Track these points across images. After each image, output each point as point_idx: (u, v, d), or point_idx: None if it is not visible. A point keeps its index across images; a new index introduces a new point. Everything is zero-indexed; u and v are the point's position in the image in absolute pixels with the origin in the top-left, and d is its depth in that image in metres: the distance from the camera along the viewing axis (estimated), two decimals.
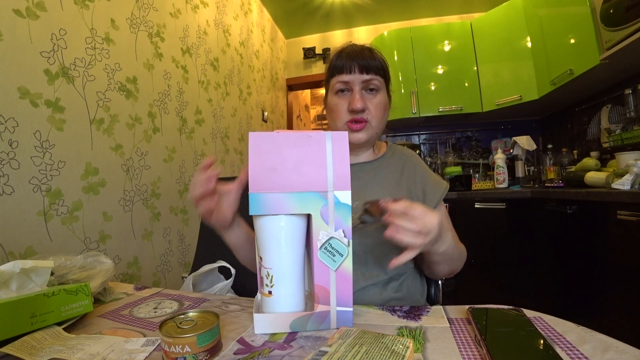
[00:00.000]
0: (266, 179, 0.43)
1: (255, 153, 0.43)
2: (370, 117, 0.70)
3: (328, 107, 0.75)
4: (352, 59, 0.69)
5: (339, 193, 0.43)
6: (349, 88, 0.70)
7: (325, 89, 0.79)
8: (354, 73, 0.69)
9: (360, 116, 0.69)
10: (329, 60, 0.75)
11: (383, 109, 0.72)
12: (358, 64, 0.68)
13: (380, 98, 0.71)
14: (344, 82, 0.70)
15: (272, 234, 0.44)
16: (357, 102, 0.67)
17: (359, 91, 0.69)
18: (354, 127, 0.70)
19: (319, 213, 0.43)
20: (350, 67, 0.69)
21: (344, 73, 0.69)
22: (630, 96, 1.63)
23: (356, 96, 0.68)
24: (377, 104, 0.71)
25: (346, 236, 0.43)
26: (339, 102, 0.71)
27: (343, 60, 0.70)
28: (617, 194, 1.19)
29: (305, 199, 0.43)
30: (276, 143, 0.44)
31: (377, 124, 0.72)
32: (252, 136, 0.44)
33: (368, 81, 0.69)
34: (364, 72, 0.68)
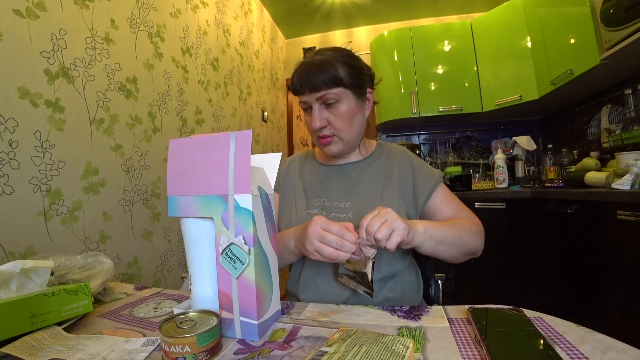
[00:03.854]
0: (179, 182, 0.45)
1: (173, 158, 0.45)
2: (334, 130, 0.71)
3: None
4: (300, 79, 0.69)
5: (240, 197, 0.41)
6: (309, 107, 0.72)
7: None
8: (307, 93, 0.69)
9: (323, 133, 0.71)
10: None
11: (348, 118, 0.71)
12: (306, 84, 0.68)
13: (342, 109, 0.70)
14: (303, 102, 0.71)
15: (187, 235, 0.46)
16: (313, 122, 0.69)
17: (318, 109, 0.70)
18: (322, 142, 0.73)
19: (219, 217, 0.42)
20: (301, 89, 0.70)
21: (300, 94, 0.71)
22: (630, 96, 1.63)
23: (313, 116, 0.70)
24: (339, 116, 0.70)
25: (247, 244, 0.41)
26: (307, 119, 0.74)
27: (295, 80, 0.71)
28: (617, 194, 1.19)
29: (209, 202, 0.43)
30: (189, 148, 0.45)
31: (346, 134, 0.72)
32: (172, 143, 0.46)
33: (322, 97, 0.69)
34: (314, 90, 0.68)
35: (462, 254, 0.67)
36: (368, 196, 0.74)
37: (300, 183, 0.81)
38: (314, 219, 0.55)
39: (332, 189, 0.77)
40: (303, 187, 0.80)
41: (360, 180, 0.77)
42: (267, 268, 0.46)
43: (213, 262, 0.44)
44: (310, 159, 0.87)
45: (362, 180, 0.77)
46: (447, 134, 2.85)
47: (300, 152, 0.91)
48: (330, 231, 0.53)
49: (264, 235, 0.45)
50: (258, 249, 0.43)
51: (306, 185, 0.80)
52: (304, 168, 0.84)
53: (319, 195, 0.77)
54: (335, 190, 0.77)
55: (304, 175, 0.82)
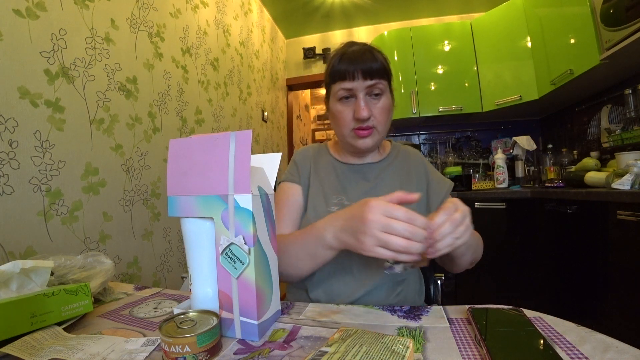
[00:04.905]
0: (179, 182, 0.44)
1: (173, 158, 0.45)
2: (376, 122, 0.68)
3: (332, 113, 0.73)
4: (353, 64, 0.66)
5: (239, 197, 0.41)
6: (352, 95, 0.68)
7: (326, 92, 0.76)
8: (357, 79, 0.66)
9: (367, 124, 0.67)
10: (329, 63, 0.71)
11: (387, 112, 0.70)
12: (361, 69, 0.65)
13: (384, 102, 0.69)
14: (347, 89, 0.67)
15: (187, 235, 0.46)
16: (362, 111, 0.65)
17: (364, 98, 0.67)
18: (360, 134, 0.68)
19: (219, 217, 0.42)
20: (352, 74, 0.66)
21: (347, 80, 0.66)
22: (630, 96, 1.63)
23: (361, 104, 0.66)
24: (382, 109, 0.68)
25: (247, 244, 0.41)
26: (343, 110, 0.69)
27: (344, 65, 0.66)
28: (617, 194, 1.19)
29: (209, 202, 0.43)
30: (189, 148, 0.45)
31: (383, 129, 0.70)
32: (172, 143, 0.46)
33: (372, 86, 0.66)
34: (367, 77, 0.66)
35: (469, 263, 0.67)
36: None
37: (316, 178, 0.77)
38: (370, 203, 0.45)
39: (351, 189, 0.74)
40: (319, 182, 0.76)
41: (379, 181, 0.75)
42: (267, 268, 0.46)
43: (213, 262, 0.44)
44: (325, 153, 0.81)
45: (380, 181, 0.75)
46: (447, 134, 2.85)
47: (311, 146, 0.85)
48: (395, 217, 0.43)
49: (264, 235, 0.45)
50: (258, 249, 0.43)
51: (322, 181, 0.76)
52: (318, 162, 0.80)
53: (337, 193, 0.74)
54: (354, 190, 0.74)
55: (319, 170, 0.78)
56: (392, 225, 0.42)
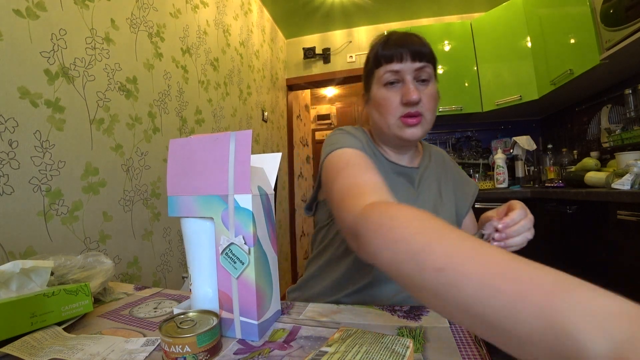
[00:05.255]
0: (179, 182, 0.45)
1: (173, 158, 0.45)
2: (424, 110, 0.63)
3: (375, 101, 0.66)
4: (402, 45, 0.61)
5: (239, 197, 0.41)
6: (399, 79, 0.63)
7: (366, 82, 0.70)
8: (406, 61, 0.61)
9: (416, 109, 0.62)
10: (371, 51, 0.67)
11: (435, 100, 0.65)
12: (409, 50, 0.61)
13: (432, 89, 0.64)
14: (394, 71, 0.62)
15: (187, 235, 0.46)
16: (412, 93, 0.60)
17: (412, 81, 0.62)
18: (409, 122, 0.62)
19: (219, 217, 0.42)
20: (401, 55, 0.61)
21: (394, 61, 0.62)
22: (630, 96, 1.63)
23: (410, 86, 0.60)
24: (430, 96, 0.64)
25: (247, 244, 0.41)
26: (388, 95, 0.63)
27: (391, 48, 0.62)
28: (617, 194, 1.19)
29: (209, 202, 0.43)
30: (189, 148, 0.45)
31: (431, 118, 0.65)
32: (172, 143, 0.46)
33: (420, 69, 0.62)
34: (416, 59, 0.61)
35: None
36: (432, 206, 0.69)
37: None
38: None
39: (400, 195, 0.67)
40: None
41: (422, 189, 0.71)
42: (267, 268, 0.46)
43: (213, 262, 0.44)
44: (371, 146, 0.71)
45: (423, 189, 0.71)
46: (447, 134, 2.85)
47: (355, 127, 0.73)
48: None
49: (264, 235, 0.45)
50: (258, 249, 0.43)
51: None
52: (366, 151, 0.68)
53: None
54: (403, 197, 0.68)
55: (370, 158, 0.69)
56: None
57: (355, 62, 3.14)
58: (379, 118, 0.66)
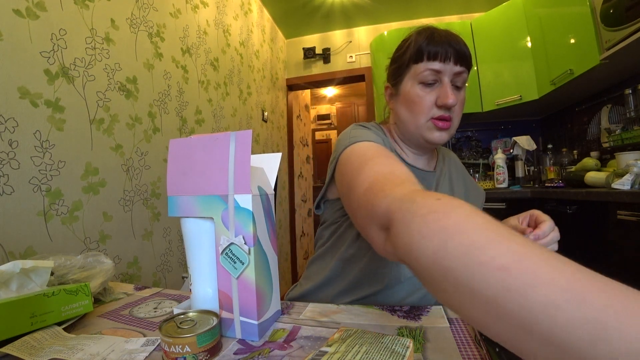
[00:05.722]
0: (179, 182, 0.45)
1: (173, 158, 0.45)
2: (454, 115, 0.62)
3: (406, 97, 0.63)
4: (447, 45, 0.59)
5: (239, 197, 0.41)
6: (437, 79, 0.61)
7: (396, 74, 0.67)
8: (449, 62, 0.59)
9: (449, 114, 0.61)
10: (411, 43, 0.63)
11: (463, 108, 0.65)
12: (456, 51, 0.59)
13: (463, 95, 0.64)
14: (435, 70, 0.60)
15: (187, 235, 0.46)
16: (450, 97, 0.58)
17: (449, 84, 0.60)
18: (440, 125, 0.61)
19: (219, 217, 0.42)
20: (446, 54, 0.59)
21: (438, 60, 0.59)
22: (630, 96, 1.63)
23: (448, 90, 0.59)
24: (462, 102, 0.63)
25: (247, 244, 0.41)
26: (424, 95, 0.61)
27: (437, 45, 0.59)
28: (617, 194, 1.19)
29: (209, 202, 0.43)
30: (189, 148, 0.45)
31: (457, 124, 0.64)
32: (172, 143, 0.46)
33: (459, 74, 0.61)
34: (458, 62, 0.60)
35: None
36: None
37: None
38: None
39: None
40: None
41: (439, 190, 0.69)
42: (267, 268, 0.46)
43: (213, 262, 0.44)
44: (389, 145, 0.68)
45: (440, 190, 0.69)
46: None
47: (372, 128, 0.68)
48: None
49: (264, 235, 0.45)
50: (258, 249, 0.43)
51: None
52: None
53: None
54: None
55: None
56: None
57: (355, 62, 3.14)
58: (408, 116, 0.64)
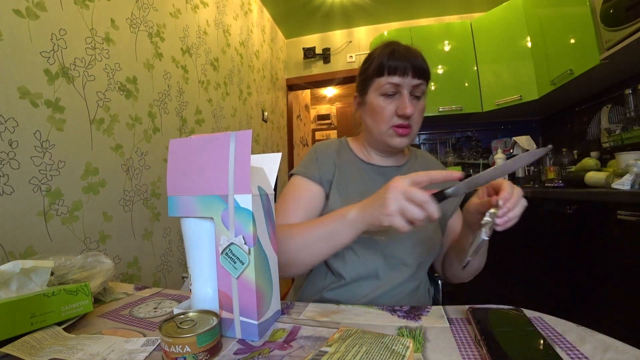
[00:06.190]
0: (179, 182, 0.45)
1: (173, 158, 0.45)
2: (414, 122, 0.69)
3: (370, 107, 0.71)
4: (406, 60, 0.66)
5: (239, 197, 0.41)
6: (397, 91, 0.68)
7: (362, 85, 0.74)
8: (407, 76, 0.66)
9: (407, 122, 0.68)
10: (374, 57, 0.71)
11: (422, 115, 0.72)
12: (413, 66, 0.66)
13: (422, 104, 0.71)
14: (394, 84, 0.67)
15: (187, 235, 0.46)
16: (408, 108, 0.66)
17: (408, 95, 0.67)
18: (400, 132, 0.68)
19: (219, 217, 0.42)
20: (404, 69, 0.66)
21: (397, 74, 0.66)
22: (630, 96, 1.63)
23: (406, 101, 0.66)
24: (420, 110, 0.70)
25: (247, 244, 0.41)
26: (385, 105, 0.69)
27: (397, 60, 0.66)
28: (617, 194, 1.19)
29: (209, 202, 0.43)
30: (189, 148, 0.45)
31: (417, 130, 0.72)
32: (172, 143, 0.46)
33: (417, 86, 0.68)
34: (416, 76, 0.67)
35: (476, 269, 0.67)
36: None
37: (342, 179, 0.74)
38: (395, 177, 0.49)
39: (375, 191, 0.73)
40: (345, 183, 0.73)
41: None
42: (267, 268, 0.46)
43: (213, 262, 0.44)
44: (346, 151, 0.79)
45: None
46: (447, 134, 2.85)
47: (331, 140, 0.82)
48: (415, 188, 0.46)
49: (264, 235, 0.45)
50: (258, 249, 0.43)
51: (348, 182, 0.74)
52: (341, 161, 0.77)
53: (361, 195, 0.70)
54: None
55: (344, 169, 0.75)
56: (413, 194, 0.45)
57: (355, 62, 3.14)
58: (372, 124, 0.72)
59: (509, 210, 0.46)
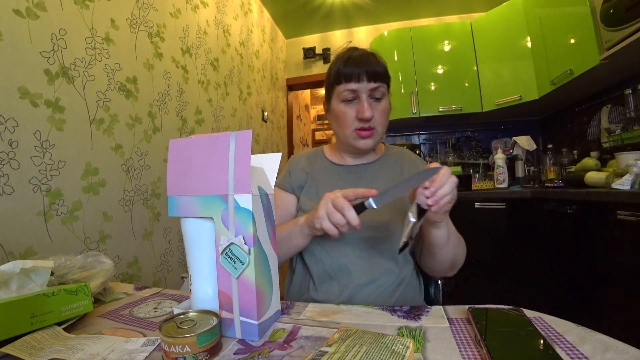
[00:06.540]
0: (179, 182, 0.45)
1: (173, 158, 0.45)
2: (377, 124, 0.72)
3: (334, 114, 0.76)
4: (360, 66, 0.69)
5: (239, 197, 0.41)
6: (355, 97, 0.71)
7: (327, 93, 0.79)
8: (362, 82, 0.69)
9: (369, 124, 0.71)
10: (332, 66, 0.75)
11: (387, 114, 0.74)
12: (366, 71, 0.69)
13: (384, 105, 0.73)
14: (351, 90, 0.70)
15: (187, 235, 0.46)
16: (366, 112, 0.69)
17: (367, 99, 0.70)
18: (362, 134, 0.72)
19: (219, 217, 0.42)
20: (358, 75, 0.69)
21: (352, 81, 0.70)
22: (630, 96, 1.63)
23: (365, 105, 0.69)
24: (382, 111, 0.72)
25: (247, 244, 0.41)
26: (346, 111, 0.72)
27: (351, 67, 0.69)
28: (617, 194, 1.19)
29: (209, 202, 0.43)
30: (189, 148, 0.45)
31: (382, 130, 0.74)
32: (172, 143, 0.46)
33: (375, 89, 0.70)
34: (371, 80, 0.69)
35: (451, 263, 0.67)
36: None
37: (312, 183, 0.79)
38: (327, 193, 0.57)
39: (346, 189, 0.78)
40: (316, 187, 0.79)
41: (373, 180, 0.78)
42: (267, 268, 0.46)
43: (213, 262, 0.44)
44: (321, 157, 0.85)
45: (374, 180, 0.78)
46: (447, 134, 2.85)
47: (307, 151, 0.89)
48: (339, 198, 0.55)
49: (264, 235, 0.45)
50: (258, 249, 0.43)
51: (319, 185, 0.79)
52: (314, 167, 0.83)
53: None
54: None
55: (316, 175, 0.81)
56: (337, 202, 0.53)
57: None
58: (337, 129, 0.77)
59: (436, 189, 0.50)
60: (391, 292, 0.68)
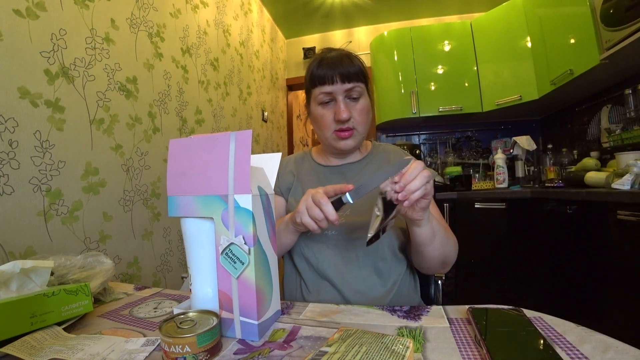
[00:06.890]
0: (179, 182, 0.45)
1: (173, 158, 0.45)
2: (356, 123, 0.72)
3: (313, 117, 0.76)
4: (332, 68, 0.69)
5: (239, 197, 0.41)
6: (332, 98, 0.71)
7: (306, 97, 0.79)
8: (336, 83, 0.69)
9: (347, 125, 0.71)
10: (308, 69, 0.75)
11: (366, 113, 0.73)
12: (339, 73, 0.69)
13: (363, 103, 0.72)
14: (326, 93, 0.70)
15: (187, 235, 0.46)
16: (342, 113, 0.69)
17: (343, 100, 0.70)
18: (342, 135, 0.72)
19: (219, 217, 0.42)
20: (332, 78, 0.69)
21: (326, 84, 0.69)
22: (630, 96, 1.63)
23: (341, 106, 0.69)
24: (361, 110, 0.72)
25: (247, 244, 0.41)
26: (324, 113, 0.72)
27: (324, 70, 0.70)
28: (617, 194, 1.19)
29: (209, 202, 0.43)
30: (189, 148, 0.45)
31: (363, 129, 0.74)
32: (172, 143, 0.46)
33: (350, 90, 0.70)
34: (345, 81, 0.69)
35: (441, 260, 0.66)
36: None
37: (299, 185, 0.81)
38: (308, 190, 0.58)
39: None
40: (302, 188, 0.80)
41: (358, 179, 0.78)
42: (267, 268, 0.46)
43: (213, 262, 0.44)
44: (308, 159, 0.86)
45: (360, 179, 0.78)
46: (447, 134, 2.85)
47: (296, 154, 0.90)
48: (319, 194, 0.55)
49: (264, 235, 0.45)
50: (258, 249, 0.43)
51: (304, 186, 0.80)
52: (301, 169, 0.84)
53: None
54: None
55: (302, 176, 0.82)
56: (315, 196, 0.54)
57: None
58: (318, 132, 0.77)
59: (405, 184, 0.49)
60: (385, 292, 0.68)
